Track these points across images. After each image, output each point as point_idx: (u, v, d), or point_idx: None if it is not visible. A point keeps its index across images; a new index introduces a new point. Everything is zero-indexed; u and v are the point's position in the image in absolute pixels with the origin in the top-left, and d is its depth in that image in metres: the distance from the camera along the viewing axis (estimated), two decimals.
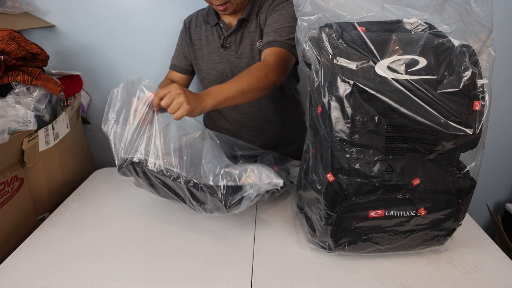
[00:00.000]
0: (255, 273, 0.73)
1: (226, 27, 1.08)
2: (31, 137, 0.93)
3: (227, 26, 1.08)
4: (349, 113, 0.62)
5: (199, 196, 0.77)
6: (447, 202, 0.67)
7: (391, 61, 0.62)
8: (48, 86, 1.00)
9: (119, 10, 1.34)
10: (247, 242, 0.83)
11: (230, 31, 1.06)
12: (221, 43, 1.08)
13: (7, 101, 0.92)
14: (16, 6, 1.24)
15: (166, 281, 0.72)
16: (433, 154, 0.65)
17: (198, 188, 0.75)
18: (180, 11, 1.31)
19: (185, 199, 0.78)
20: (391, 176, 0.65)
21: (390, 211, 0.67)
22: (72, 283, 0.72)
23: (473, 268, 0.74)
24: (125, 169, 0.81)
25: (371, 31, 0.66)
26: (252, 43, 1.06)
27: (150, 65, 1.42)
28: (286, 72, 0.96)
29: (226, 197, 0.75)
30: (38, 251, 0.82)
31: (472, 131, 0.62)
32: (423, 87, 0.60)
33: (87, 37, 1.38)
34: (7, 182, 0.89)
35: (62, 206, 1.03)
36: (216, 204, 0.76)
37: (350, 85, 0.61)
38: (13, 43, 0.93)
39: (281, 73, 0.93)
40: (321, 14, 0.68)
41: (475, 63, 0.62)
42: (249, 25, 1.06)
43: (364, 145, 0.63)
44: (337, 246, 0.72)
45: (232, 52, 1.07)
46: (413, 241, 0.72)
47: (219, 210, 0.76)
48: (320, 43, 0.66)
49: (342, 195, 0.65)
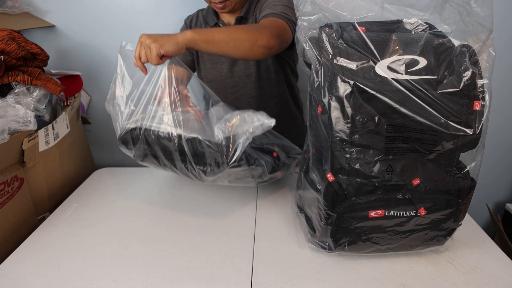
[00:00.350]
0: (255, 273, 0.73)
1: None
2: (31, 137, 0.93)
3: (226, 25, 1.09)
4: (349, 113, 0.62)
5: (198, 153, 0.75)
6: (447, 202, 0.67)
7: (391, 61, 0.62)
8: (48, 86, 1.00)
9: (119, 10, 1.35)
10: (247, 242, 0.83)
11: None
12: None
13: (7, 101, 0.92)
14: (16, 6, 1.24)
15: (166, 281, 0.72)
16: (433, 154, 0.65)
17: (195, 145, 0.74)
18: (180, 11, 1.31)
19: (185, 160, 0.76)
20: (391, 176, 0.65)
21: (390, 211, 0.67)
22: (72, 283, 0.72)
23: (473, 268, 0.74)
24: (125, 137, 0.80)
25: (371, 31, 0.66)
26: None
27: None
28: (281, 38, 0.89)
29: (222, 148, 0.73)
30: (38, 251, 0.82)
31: (472, 131, 0.62)
32: (423, 87, 0.60)
33: (87, 37, 1.38)
34: (7, 182, 0.89)
35: (62, 206, 1.03)
36: (216, 158, 0.73)
37: (350, 85, 0.61)
38: (13, 43, 0.93)
39: (275, 36, 0.85)
40: (321, 14, 0.68)
41: (475, 63, 0.62)
42: (247, 23, 1.06)
43: (364, 145, 0.63)
44: (337, 246, 0.72)
45: None
46: (413, 241, 0.72)
47: (219, 166, 0.73)
48: (320, 43, 0.66)
49: (342, 195, 0.65)
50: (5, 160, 0.88)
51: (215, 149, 0.73)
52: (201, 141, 0.74)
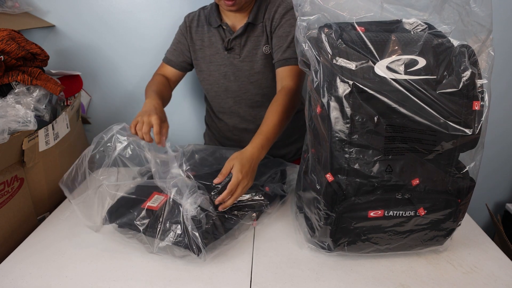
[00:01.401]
0: (255, 273, 0.73)
1: (229, 29, 1.05)
2: (31, 137, 0.93)
3: (230, 28, 1.06)
4: (348, 113, 0.62)
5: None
6: (446, 202, 0.67)
7: (391, 61, 0.62)
8: (48, 86, 1.00)
9: (119, 9, 1.35)
10: (247, 242, 0.83)
11: (235, 35, 1.04)
12: (225, 46, 1.06)
13: (7, 101, 0.92)
14: (16, 6, 1.24)
15: (166, 281, 0.72)
16: (433, 154, 0.65)
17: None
18: (180, 10, 1.31)
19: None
20: (391, 176, 0.65)
21: (389, 211, 0.67)
22: (72, 283, 0.72)
23: (472, 268, 0.74)
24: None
25: (371, 31, 0.66)
26: (256, 47, 1.04)
27: (151, 64, 1.41)
28: (302, 84, 1.02)
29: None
30: (38, 251, 0.82)
31: (471, 131, 0.62)
32: (423, 87, 0.60)
33: (87, 37, 1.38)
34: (7, 182, 0.89)
35: (62, 206, 1.03)
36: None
37: (349, 85, 0.61)
38: (13, 43, 0.93)
39: (300, 92, 1.00)
40: (320, 14, 0.68)
41: (474, 63, 0.62)
42: (255, 29, 1.04)
43: (363, 145, 0.63)
44: (336, 246, 0.72)
45: (236, 55, 1.06)
46: (412, 241, 0.72)
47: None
48: (320, 43, 0.66)
49: (342, 195, 0.65)
50: (5, 160, 0.89)
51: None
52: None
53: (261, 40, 1.04)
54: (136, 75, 1.45)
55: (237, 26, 1.06)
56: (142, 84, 1.09)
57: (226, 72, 1.09)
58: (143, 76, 1.43)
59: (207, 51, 1.09)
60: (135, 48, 1.40)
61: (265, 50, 1.04)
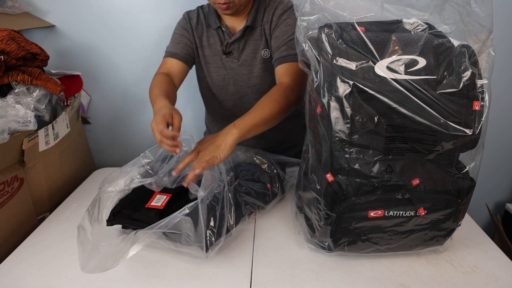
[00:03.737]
0: (255, 273, 0.73)
1: (228, 31, 1.03)
2: (31, 137, 0.93)
3: (229, 31, 1.03)
4: (349, 113, 0.62)
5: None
6: (446, 202, 0.67)
7: (391, 61, 0.61)
8: (48, 86, 1.00)
9: (119, 9, 1.34)
10: (247, 242, 0.83)
11: (234, 38, 1.02)
12: (223, 49, 1.05)
13: (7, 101, 0.92)
14: (16, 6, 1.24)
15: (166, 281, 0.72)
16: (433, 155, 0.65)
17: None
18: (180, 10, 1.30)
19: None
20: (391, 176, 0.65)
21: (389, 211, 0.67)
22: (72, 283, 0.72)
23: (472, 268, 0.74)
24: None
25: (371, 31, 0.66)
26: (255, 50, 1.03)
27: (151, 64, 1.41)
28: (304, 86, 0.96)
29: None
30: (38, 251, 0.82)
31: (471, 131, 0.62)
32: (423, 87, 0.60)
33: (87, 37, 1.38)
34: (7, 182, 0.89)
35: (62, 206, 1.03)
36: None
37: (350, 85, 0.61)
38: (13, 43, 0.93)
39: (300, 91, 0.94)
40: (320, 14, 0.68)
41: (474, 64, 0.62)
42: (254, 32, 1.02)
43: (363, 145, 0.63)
44: (336, 246, 0.72)
45: (234, 59, 1.05)
46: (412, 241, 0.72)
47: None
48: (320, 43, 0.66)
49: (342, 195, 0.65)
50: (5, 160, 0.89)
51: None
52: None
53: (260, 44, 1.02)
54: (136, 75, 1.45)
55: (236, 28, 1.04)
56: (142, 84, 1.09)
57: (226, 76, 1.08)
58: (143, 76, 1.43)
59: (206, 52, 1.08)
60: (135, 48, 1.40)
61: (263, 54, 1.03)
